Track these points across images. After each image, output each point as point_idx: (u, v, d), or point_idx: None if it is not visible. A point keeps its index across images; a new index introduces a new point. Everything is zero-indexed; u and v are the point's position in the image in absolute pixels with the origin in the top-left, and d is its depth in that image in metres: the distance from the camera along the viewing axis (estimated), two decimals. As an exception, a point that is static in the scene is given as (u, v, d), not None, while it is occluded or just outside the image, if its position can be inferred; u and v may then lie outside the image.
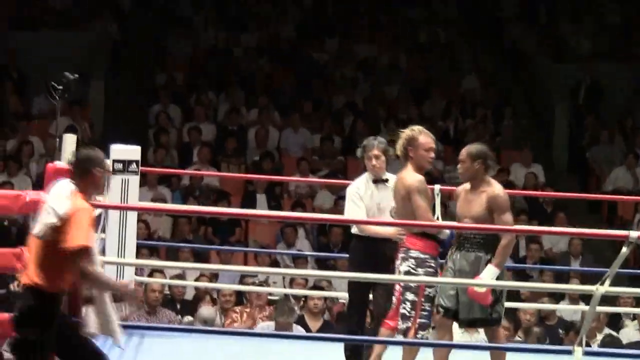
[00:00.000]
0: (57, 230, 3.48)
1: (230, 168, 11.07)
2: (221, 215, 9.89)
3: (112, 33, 13.61)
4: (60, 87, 5.02)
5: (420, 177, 4.72)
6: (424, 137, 4.79)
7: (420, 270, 4.70)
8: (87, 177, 3.65)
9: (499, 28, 15.18)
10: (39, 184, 6.32)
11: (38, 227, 3.59)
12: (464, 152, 4.72)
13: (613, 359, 5.49)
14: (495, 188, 4.67)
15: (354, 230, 5.18)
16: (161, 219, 10.15)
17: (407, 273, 4.72)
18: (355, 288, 5.23)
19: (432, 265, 4.75)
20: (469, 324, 4.90)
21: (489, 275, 4.49)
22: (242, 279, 8.26)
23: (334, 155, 11.84)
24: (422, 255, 4.72)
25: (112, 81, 12.97)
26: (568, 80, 13.46)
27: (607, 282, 4.01)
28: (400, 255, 4.80)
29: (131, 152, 5.53)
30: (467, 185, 4.77)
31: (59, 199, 3.57)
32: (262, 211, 9.38)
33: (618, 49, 14.16)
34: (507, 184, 6.44)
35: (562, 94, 13.39)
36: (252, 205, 10.14)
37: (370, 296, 5.19)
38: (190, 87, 13.09)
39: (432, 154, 4.88)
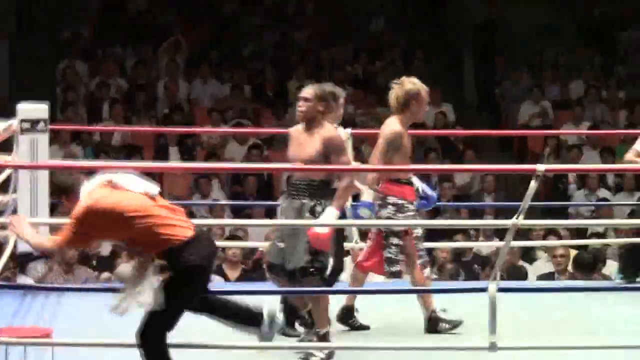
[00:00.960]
0: None
1: (141, 122, 10.92)
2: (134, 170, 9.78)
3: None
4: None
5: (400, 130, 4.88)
6: (425, 92, 4.96)
7: (400, 216, 4.82)
8: None
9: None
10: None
11: None
12: (310, 92, 4.59)
13: (526, 293, 5.61)
14: (329, 129, 4.54)
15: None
16: (77, 176, 9.97)
17: (388, 219, 4.83)
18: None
19: (411, 209, 4.88)
20: (290, 276, 4.49)
21: (329, 218, 4.36)
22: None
23: (244, 104, 11.78)
24: (399, 201, 4.83)
25: (19, 40, 12.68)
26: (476, 20, 13.61)
27: (522, 216, 4.05)
28: (377, 202, 4.88)
29: (39, 110, 5.41)
30: (299, 127, 4.64)
31: None
32: (176, 163, 9.38)
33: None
34: (418, 124, 6.44)
35: (471, 34, 13.55)
36: (165, 158, 10.12)
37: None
38: (98, 41, 12.83)
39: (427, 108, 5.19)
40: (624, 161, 6.24)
